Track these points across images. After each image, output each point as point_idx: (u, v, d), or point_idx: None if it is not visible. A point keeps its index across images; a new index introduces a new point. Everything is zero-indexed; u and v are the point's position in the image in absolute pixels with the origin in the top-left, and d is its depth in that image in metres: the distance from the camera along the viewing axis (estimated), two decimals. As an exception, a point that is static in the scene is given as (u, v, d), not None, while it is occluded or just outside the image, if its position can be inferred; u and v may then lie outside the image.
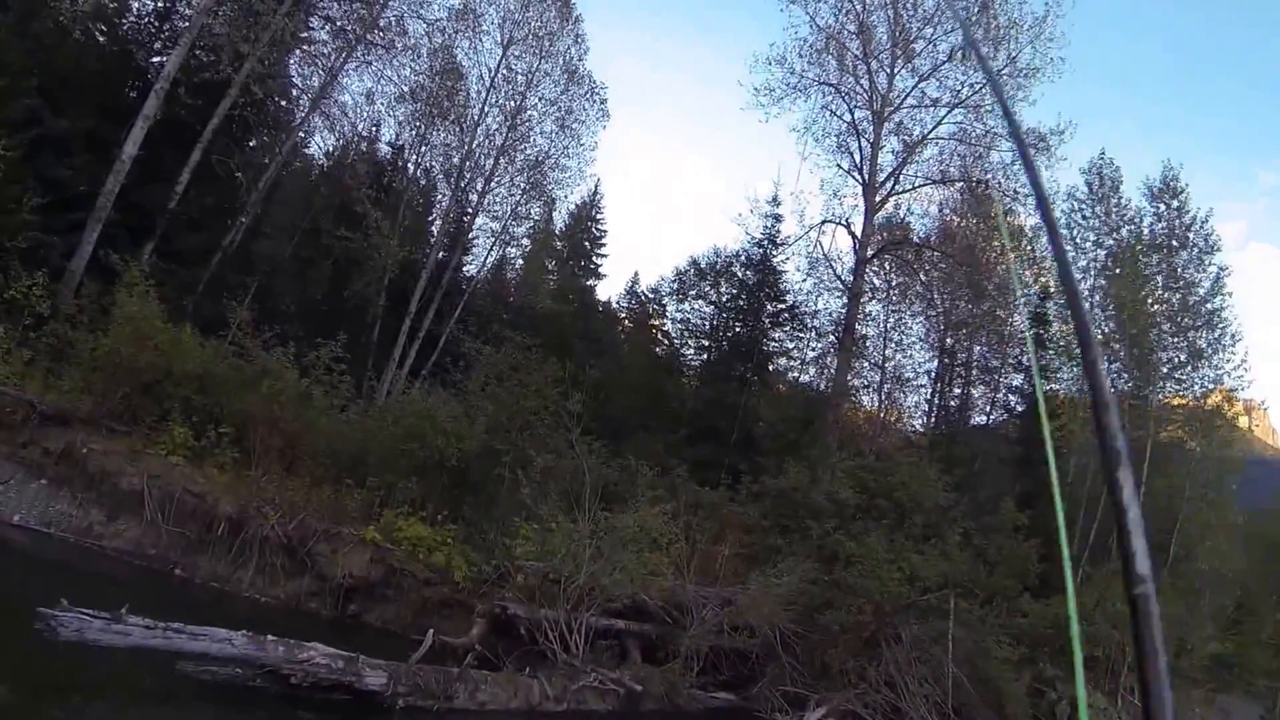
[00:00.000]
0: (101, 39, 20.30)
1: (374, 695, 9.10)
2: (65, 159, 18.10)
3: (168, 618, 7.93)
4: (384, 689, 9.20)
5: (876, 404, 33.99)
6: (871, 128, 27.05)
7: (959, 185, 27.92)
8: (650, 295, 40.82)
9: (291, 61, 24.27)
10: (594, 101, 29.76)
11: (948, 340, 34.53)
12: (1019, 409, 30.46)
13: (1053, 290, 30.62)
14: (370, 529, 14.40)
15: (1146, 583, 1.51)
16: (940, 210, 31.92)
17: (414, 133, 29.93)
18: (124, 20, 21.33)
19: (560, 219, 38.96)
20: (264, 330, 17.43)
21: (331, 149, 30.25)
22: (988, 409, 35.42)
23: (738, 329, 31.98)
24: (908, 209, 31.30)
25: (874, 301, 32.66)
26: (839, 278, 28.91)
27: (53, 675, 7.35)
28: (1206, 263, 30.36)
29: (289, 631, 9.23)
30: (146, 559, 13.19)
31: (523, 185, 30.01)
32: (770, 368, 31.48)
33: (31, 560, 12.00)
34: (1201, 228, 30.56)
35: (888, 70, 27.10)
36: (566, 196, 33.28)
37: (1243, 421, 37.22)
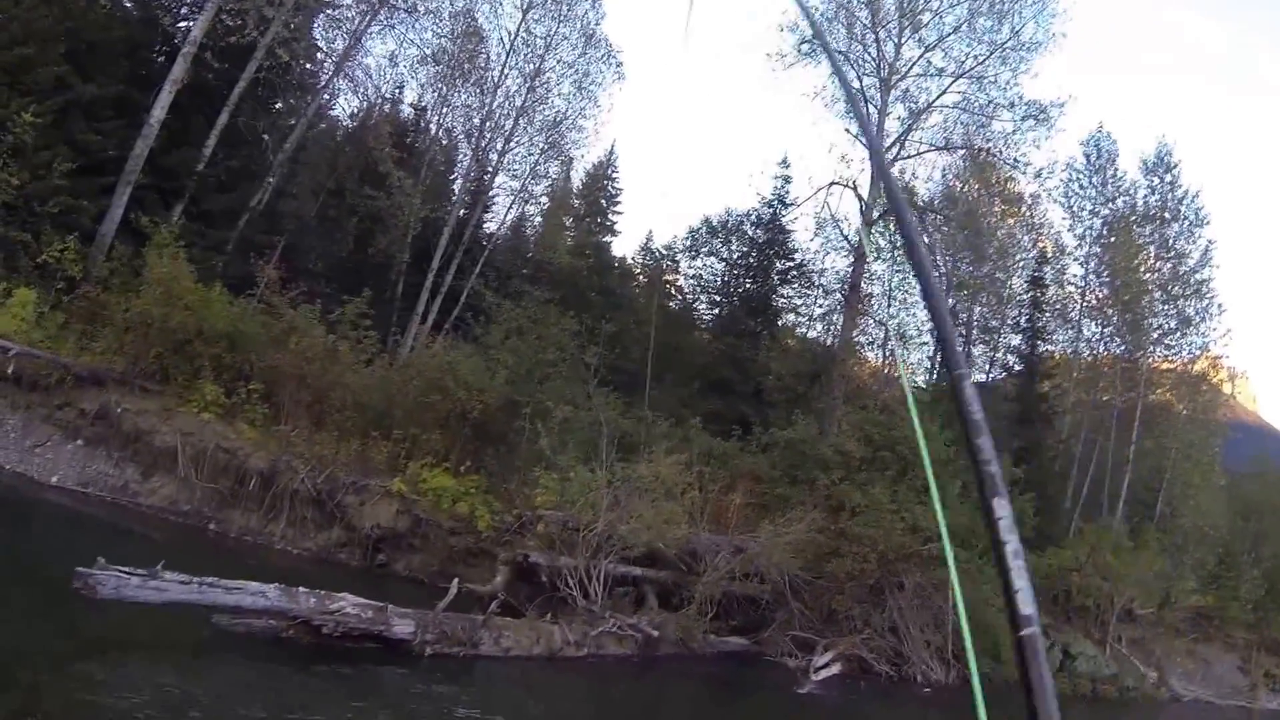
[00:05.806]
0: (128, 4, 19.62)
1: (402, 643, 8.96)
2: (94, 124, 17.53)
3: (203, 572, 7.73)
4: (412, 637, 9.05)
5: (880, 359, 33.57)
6: (879, 95, 26.41)
7: (961, 152, 27.34)
8: (664, 252, 40.25)
9: (316, 25, 23.62)
10: (610, 64, 29.04)
11: (949, 300, 33.97)
12: (1016, 368, 30.07)
13: (1050, 255, 30.34)
14: (397, 480, 14.20)
15: (1033, 624, 1.28)
16: (944, 175, 31.30)
17: (436, 94, 29.30)
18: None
19: (577, 177, 38.38)
20: (291, 288, 17.06)
21: (355, 111, 29.68)
22: (987, 367, 34.95)
23: (748, 285, 31.57)
24: (912, 173, 30.60)
25: (878, 261, 32.17)
26: (845, 238, 28.51)
27: (92, 631, 7.18)
28: (1197, 235, 30.08)
29: (320, 582, 9.06)
30: (181, 515, 13.06)
31: (541, 145, 29.45)
32: (779, 323, 31.16)
33: (71, 520, 11.83)
34: (1192, 202, 30.20)
35: (895, 40, 26.40)
36: (583, 155, 32.86)
37: (1226, 387, 36.93)
